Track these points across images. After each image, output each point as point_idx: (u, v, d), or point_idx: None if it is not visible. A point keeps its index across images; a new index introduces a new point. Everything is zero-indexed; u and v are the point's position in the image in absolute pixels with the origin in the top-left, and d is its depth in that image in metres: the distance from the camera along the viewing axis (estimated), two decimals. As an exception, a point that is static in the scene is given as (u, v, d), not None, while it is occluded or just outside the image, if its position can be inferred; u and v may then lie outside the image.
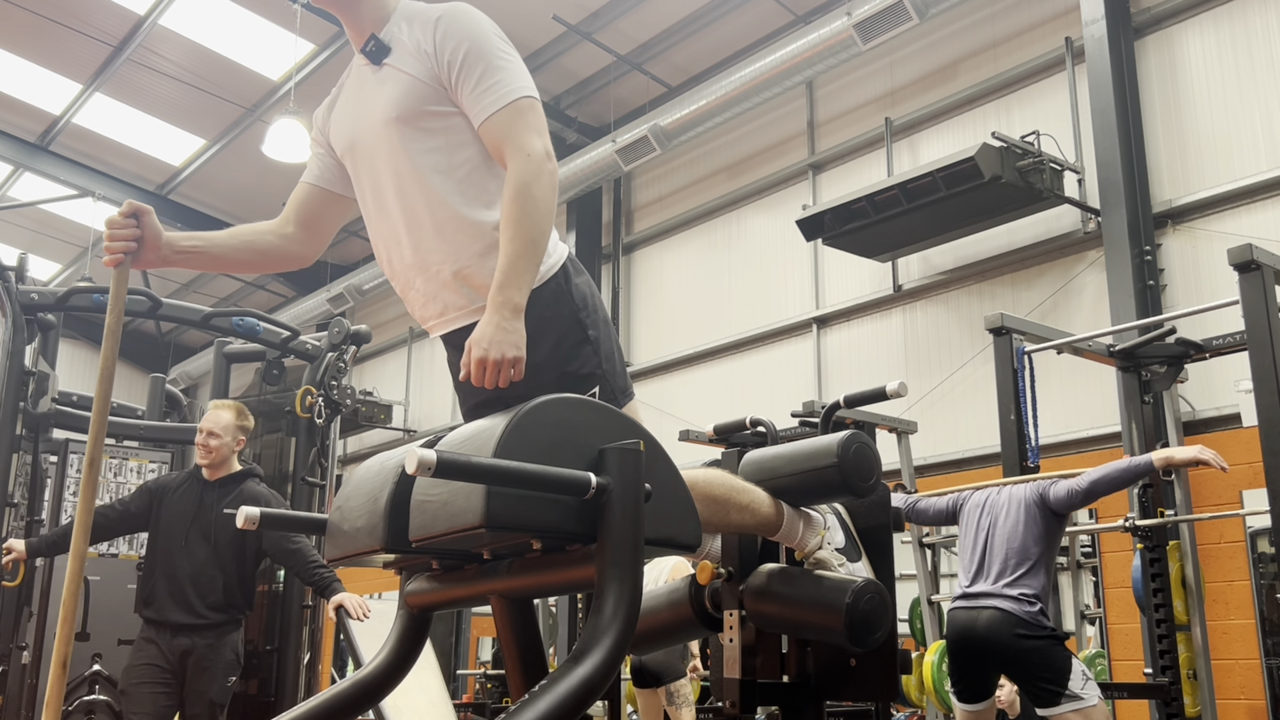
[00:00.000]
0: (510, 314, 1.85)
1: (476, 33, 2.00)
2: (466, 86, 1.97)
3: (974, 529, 4.19)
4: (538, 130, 1.96)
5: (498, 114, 1.95)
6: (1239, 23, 7.05)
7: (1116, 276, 6.95)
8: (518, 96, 1.96)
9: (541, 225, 1.90)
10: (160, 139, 11.99)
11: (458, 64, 1.98)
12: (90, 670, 5.39)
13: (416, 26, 2.04)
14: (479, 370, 1.83)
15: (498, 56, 1.99)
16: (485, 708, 9.23)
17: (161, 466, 5.92)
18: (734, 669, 2.27)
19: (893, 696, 2.37)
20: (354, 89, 2.18)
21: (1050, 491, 4.07)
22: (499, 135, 1.96)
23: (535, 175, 1.91)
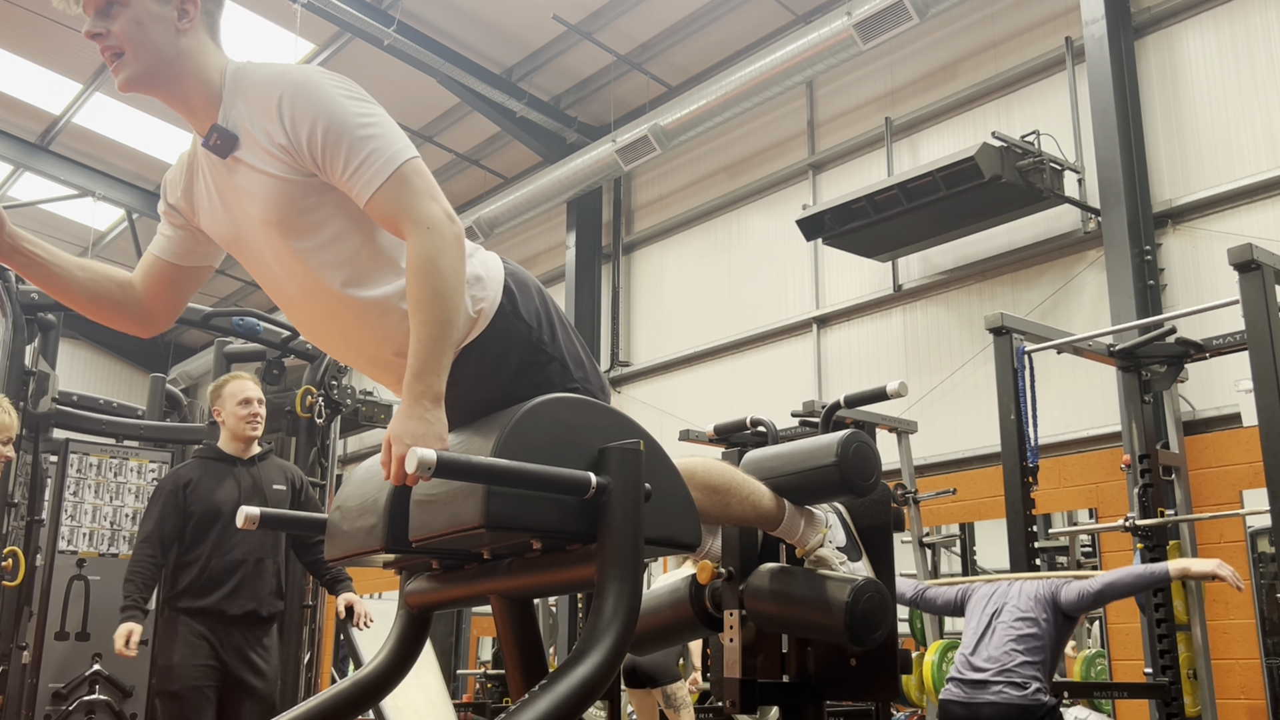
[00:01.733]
0: (431, 403, 1.69)
1: (327, 106, 1.76)
2: (336, 170, 1.76)
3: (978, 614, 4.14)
4: (429, 194, 1.76)
5: (381, 190, 1.74)
6: (1239, 23, 7.05)
7: (1116, 276, 6.95)
8: (397, 165, 1.75)
9: (453, 300, 1.72)
10: (160, 139, 11.99)
11: (319, 148, 1.76)
12: (90, 670, 5.39)
13: (258, 111, 1.80)
14: (400, 469, 1.64)
15: (360, 126, 1.76)
16: (485, 707, 9.23)
17: (161, 466, 5.92)
18: (734, 669, 2.27)
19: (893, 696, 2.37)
20: (213, 179, 1.91)
21: (1062, 593, 4.02)
22: (389, 213, 1.76)
23: (438, 248, 1.73)
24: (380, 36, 9.31)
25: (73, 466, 5.69)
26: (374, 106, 1.81)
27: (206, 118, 1.85)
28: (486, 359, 1.88)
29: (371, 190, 1.75)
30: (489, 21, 9.83)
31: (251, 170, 1.81)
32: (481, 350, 1.88)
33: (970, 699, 3.93)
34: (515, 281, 1.94)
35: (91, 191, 12.44)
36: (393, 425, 1.70)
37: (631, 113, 10.40)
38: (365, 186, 1.75)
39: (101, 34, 1.80)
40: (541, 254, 11.98)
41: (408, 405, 1.70)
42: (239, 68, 1.86)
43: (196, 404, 7.10)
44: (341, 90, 1.79)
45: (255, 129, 1.80)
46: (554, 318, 1.98)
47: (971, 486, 7.57)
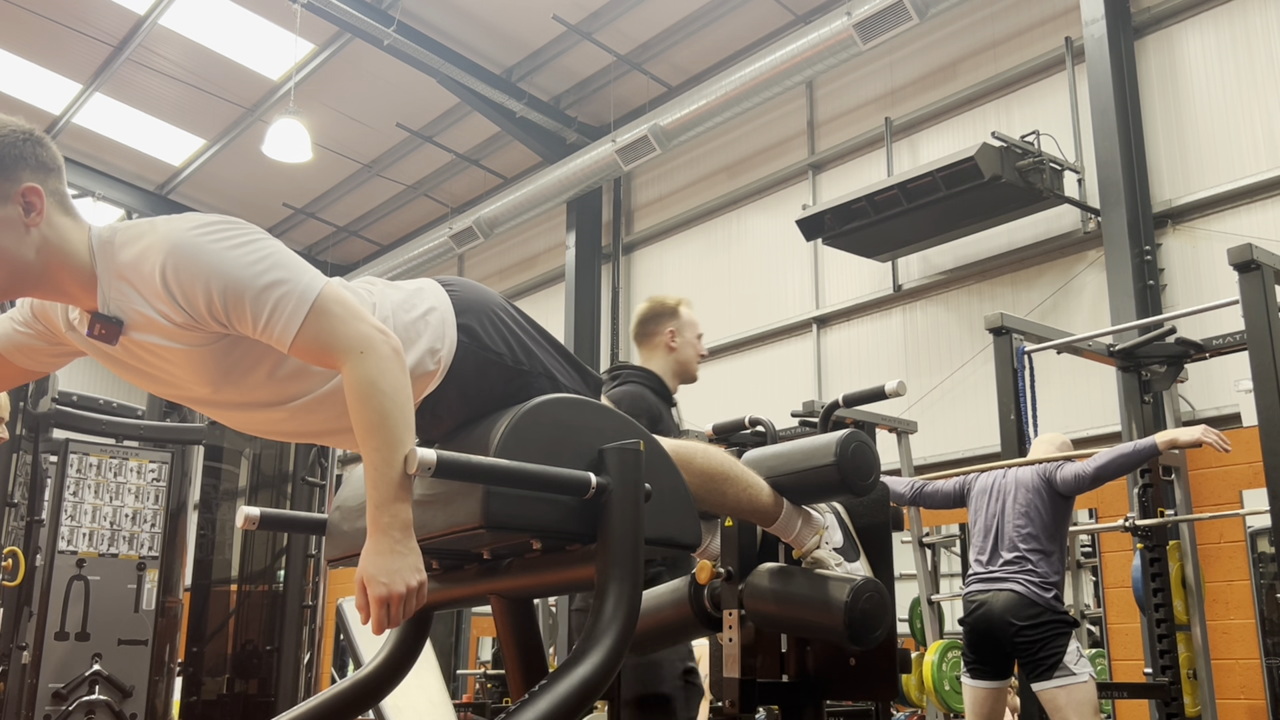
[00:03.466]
0: (401, 534, 1.60)
1: (214, 268, 1.61)
2: (249, 326, 1.65)
3: (984, 511, 4.25)
4: (353, 317, 1.64)
5: (300, 334, 1.63)
6: (1239, 23, 7.05)
7: (1116, 276, 6.95)
8: (310, 303, 1.63)
9: (402, 419, 1.62)
10: (160, 139, 11.99)
11: (222, 313, 1.63)
12: (90, 670, 5.39)
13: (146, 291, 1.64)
14: (382, 611, 1.58)
15: (255, 275, 1.62)
16: (485, 707, 9.23)
17: (161, 467, 5.92)
18: (733, 668, 2.27)
19: (892, 696, 2.38)
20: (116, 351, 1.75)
21: (1057, 475, 4.12)
22: (317, 350, 1.65)
23: (377, 369, 1.62)
24: (380, 36, 9.31)
25: (72, 466, 5.68)
26: (262, 244, 1.66)
27: (86, 302, 1.70)
28: (469, 400, 1.86)
29: (291, 336, 1.63)
30: (489, 21, 9.83)
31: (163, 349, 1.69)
32: (460, 392, 1.85)
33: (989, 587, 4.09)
34: (473, 314, 1.87)
35: (91, 192, 12.43)
36: (364, 564, 1.59)
37: (631, 113, 10.39)
38: (283, 334, 1.63)
39: None
40: (541, 254, 11.98)
41: (376, 539, 1.59)
42: (105, 241, 1.69)
43: (196, 404, 7.09)
44: (222, 241, 1.64)
45: (149, 310, 1.65)
46: (523, 336, 1.92)
47: (971, 486, 7.56)
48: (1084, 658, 3.96)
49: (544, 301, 11.71)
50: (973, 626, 4.12)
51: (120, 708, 5.40)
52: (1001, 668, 4.11)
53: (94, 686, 5.38)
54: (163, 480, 5.86)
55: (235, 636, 5.62)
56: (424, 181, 12.43)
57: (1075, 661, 3.91)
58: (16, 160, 1.64)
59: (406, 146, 11.75)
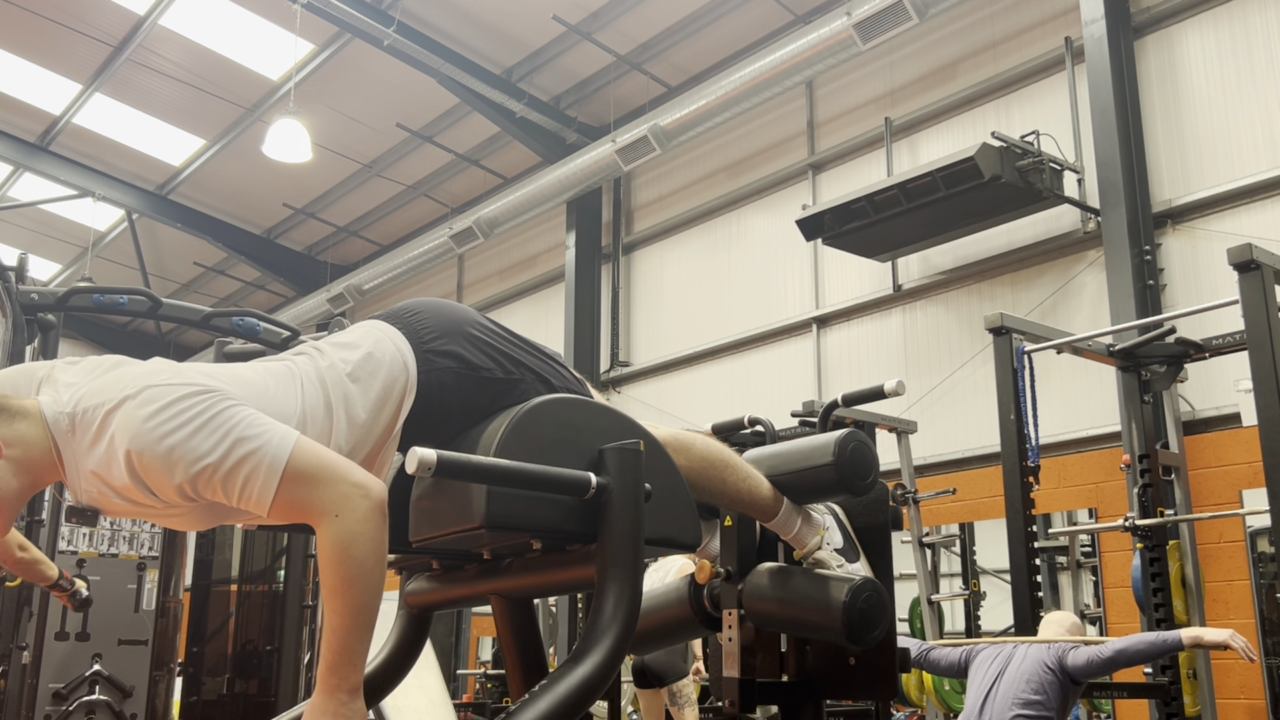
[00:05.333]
0: (348, 696, 1.58)
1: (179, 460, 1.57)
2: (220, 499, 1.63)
3: (980, 675, 4.12)
4: (327, 479, 1.60)
5: (275, 503, 1.61)
6: (1239, 23, 7.05)
7: (1116, 276, 6.95)
8: (280, 471, 1.59)
9: (370, 585, 1.59)
10: (160, 139, 11.99)
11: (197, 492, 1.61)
12: (90, 670, 5.39)
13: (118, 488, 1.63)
14: None
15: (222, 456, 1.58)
16: (485, 707, 9.23)
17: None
18: (733, 668, 2.27)
19: (892, 695, 2.38)
20: None
21: (1069, 658, 3.99)
22: (294, 516, 1.64)
23: (350, 533, 1.58)
24: (380, 36, 9.31)
25: (73, 466, 5.68)
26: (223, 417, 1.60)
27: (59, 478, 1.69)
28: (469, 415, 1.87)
29: (266, 506, 1.60)
30: (489, 21, 9.83)
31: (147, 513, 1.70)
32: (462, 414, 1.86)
33: None
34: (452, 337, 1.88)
35: (91, 192, 12.43)
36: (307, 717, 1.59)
37: (631, 113, 10.40)
38: (259, 505, 1.61)
39: None
40: (541, 254, 11.98)
41: (323, 698, 1.58)
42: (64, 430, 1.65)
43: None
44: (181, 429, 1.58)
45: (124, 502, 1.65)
46: (506, 348, 1.92)
47: (971, 486, 7.57)
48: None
49: (544, 301, 11.71)
50: None
51: (120, 708, 5.40)
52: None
53: (94, 686, 5.39)
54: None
55: (235, 636, 5.62)
56: (424, 181, 12.43)
57: None
58: None
59: (406, 146, 11.75)
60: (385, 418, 1.81)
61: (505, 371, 1.88)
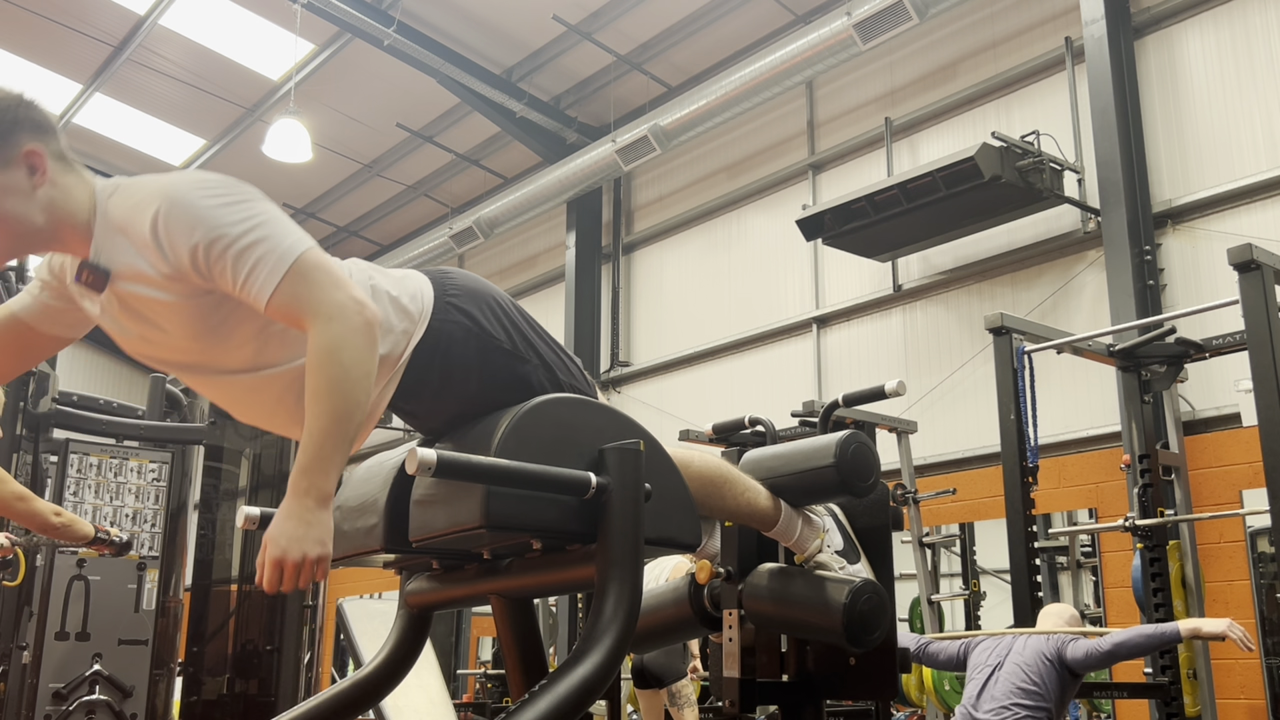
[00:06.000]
0: (315, 504, 1.60)
1: (201, 219, 1.64)
2: (228, 281, 1.66)
3: (981, 666, 4.11)
4: (331, 284, 1.66)
5: (278, 291, 1.63)
6: (1239, 23, 7.05)
7: (1116, 276, 6.95)
8: (289, 264, 1.64)
9: (354, 393, 1.61)
10: (160, 139, 11.99)
11: (205, 265, 1.65)
12: (90, 670, 5.39)
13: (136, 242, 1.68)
14: (274, 573, 1.57)
15: (241, 234, 1.64)
16: (485, 707, 9.23)
17: (162, 467, 5.92)
18: (733, 668, 2.27)
19: (892, 695, 2.38)
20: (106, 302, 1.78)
21: (1068, 650, 3.98)
22: (291, 312, 1.65)
23: (341, 337, 1.62)
24: (380, 36, 9.31)
25: (73, 466, 5.69)
26: (254, 205, 1.69)
27: (80, 251, 1.74)
28: (470, 384, 1.86)
29: (267, 295, 1.64)
30: (489, 21, 9.83)
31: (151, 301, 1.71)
32: (464, 375, 1.86)
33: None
34: (471, 297, 1.90)
35: (91, 191, 12.42)
36: (272, 525, 1.60)
37: (631, 113, 10.40)
38: (260, 293, 1.64)
39: None
40: (541, 254, 11.98)
41: (289, 503, 1.59)
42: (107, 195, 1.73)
43: (196, 404, 7.09)
44: (215, 198, 1.66)
45: (138, 262, 1.68)
46: (524, 327, 1.93)
47: (971, 486, 7.57)
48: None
49: (544, 301, 11.71)
50: None
51: (120, 708, 5.40)
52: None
53: (94, 686, 5.38)
54: (163, 480, 5.86)
55: (235, 636, 5.62)
56: (424, 181, 12.43)
57: None
58: (13, 125, 1.71)
59: (406, 146, 11.75)
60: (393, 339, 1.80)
61: (513, 346, 1.88)
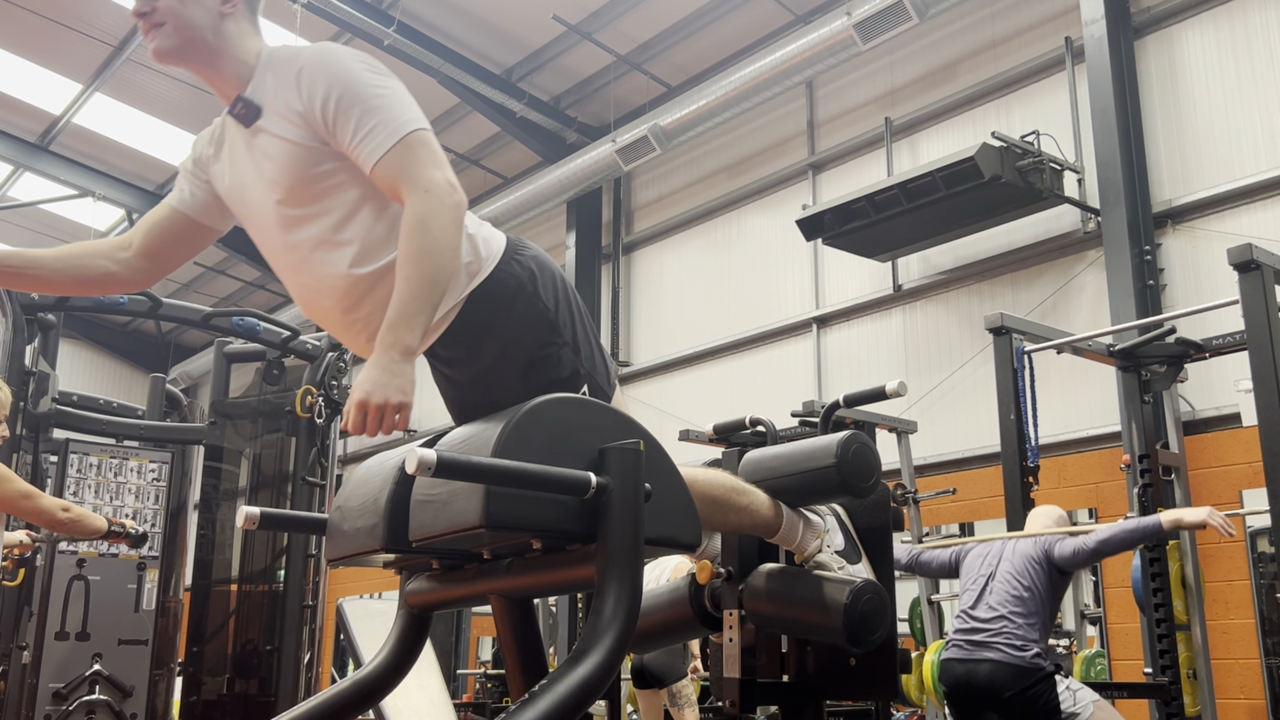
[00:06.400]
0: (399, 356, 1.74)
1: (342, 74, 1.84)
2: (346, 135, 1.83)
3: (974, 572, 4.17)
4: (434, 163, 1.83)
5: (386, 156, 1.81)
6: (1239, 23, 7.05)
7: (1116, 276, 6.95)
8: (405, 133, 1.82)
9: (441, 262, 1.77)
10: (160, 139, 11.99)
11: (331, 114, 1.83)
12: (90, 670, 5.39)
13: (283, 83, 1.89)
14: (359, 416, 1.72)
15: (373, 94, 1.84)
16: (485, 707, 9.24)
17: (162, 467, 5.92)
18: (734, 668, 2.27)
19: (893, 696, 2.38)
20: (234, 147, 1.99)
21: (1056, 549, 4.04)
22: (392, 178, 1.82)
23: (434, 210, 1.78)
24: (380, 36, 9.31)
25: (73, 466, 5.68)
26: (391, 80, 1.88)
27: (235, 91, 1.94)
28: (508, 332, 1.93)
29: (377, 156, 1.81)
30: (489, 21, 9.83)
31: (270, 136, 1.89)
32: (504, 326, 1.92)
33: (969, 656, 3.98)
34: (537, 264, 1.99)
35: (91, 191, 12.43)
36: (360, 375, 1.74)
37: (631, 113, 10.40)
38: (371, 152, 1.82)
39: (147, 12, 1.90)
40: (541, 254, 11.97)
41: (376, 355, 1.74)
42: (274, 50, 1.96)
43: (196, 404, 7.10)
44: (360, 63, 1.88)
45: (278, 100, 1.88)
46: (573, 305, 2.01)
47: (971, 486, 7.57)
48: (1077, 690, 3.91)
49: (544, 301, 11.70)
50: (951, 694, 4.06)
51: (120, 708, 5.40)
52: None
53: (94, 686, 5.38)
54: (163, 480, 5.86)
55: (235, 636, 5.62)
56: (424, 181, 12.42)
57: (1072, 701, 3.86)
58: None
59: (406, 146, 11.74)
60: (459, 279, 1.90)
61: (555, 318, 1.95)
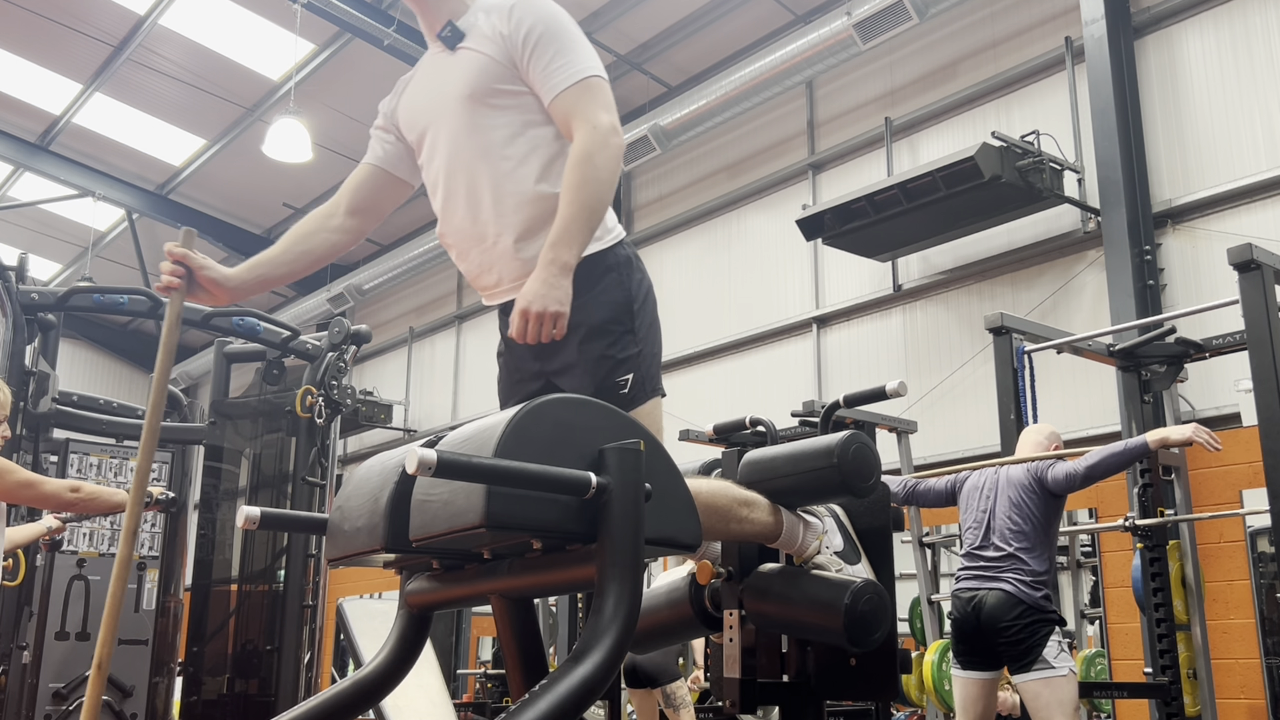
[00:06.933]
0: (559, 271, 1.94)
1: (549, 17, 2.12)
2: (538, 66, 2.09)
3: (975, 507, 4.25)
4: (605, 107, 2.07)
5: (567, 90, 2.07)
6: (1239, 23, 7.05)
7: (1116, 276, 6.95)
8: (588, 75, 2.08)
9: (600, 193, 1.99)
10: (160, 139, 11.99)
11: (531, 45, 2.09)
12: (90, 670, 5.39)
13: (494, 15, 2.16)
14: (522, 322, 1.93)
15: (570, 40, 2.11)
16: (485, 707, 9.23)
17: (162, 467, 5.92)
18: (734, 668, 2.27)
19: (893, 696, 2.38)
20: (427, 73, 2.29)
21: (1049, 474, 4.11)
22: (567, 110, 2.06)
23: (600, 146, 2.02)
24: (380, 36, 9.31)
25: (73, 466, 5.69)
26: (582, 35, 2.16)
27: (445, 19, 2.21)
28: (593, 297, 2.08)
29: (560, 89, 2.07)
30: (489, 21, 9.83)
31: (470, 52, 2.15)
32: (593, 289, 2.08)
33: (979, 586, 4.08)
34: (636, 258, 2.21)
35: (91, 191, 12.43)
36: (524, 288, 1.95)
37: (631, 113, 10.39)
38: (556, 85, 2.07)
39: None
40: (541, 254, 11.97)
41: (540, 270, 1.94)
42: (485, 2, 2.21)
43: (196, 404, 7.10)
44: (566, 16, 2.16)
45: (484, 24, 2.15)
46: (650, 305, 2.18)
47: (971, 486, 7.56)
48: (1065, 653, 3.97)
49: (544, 301, 11.70)
50: (962, 621, 4.12)
51: (120, 708, 5.40)
52: (993, 658, 4.10)
53: (94, 686, 5.38)
54: (163, 480, 5.86)
55: (235, 636, 5.62)
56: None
57: (1055, 655, 3.92)
58: None
59: (406, 146, 11.73)
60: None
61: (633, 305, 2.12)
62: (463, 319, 12.98)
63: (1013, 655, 3.98)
